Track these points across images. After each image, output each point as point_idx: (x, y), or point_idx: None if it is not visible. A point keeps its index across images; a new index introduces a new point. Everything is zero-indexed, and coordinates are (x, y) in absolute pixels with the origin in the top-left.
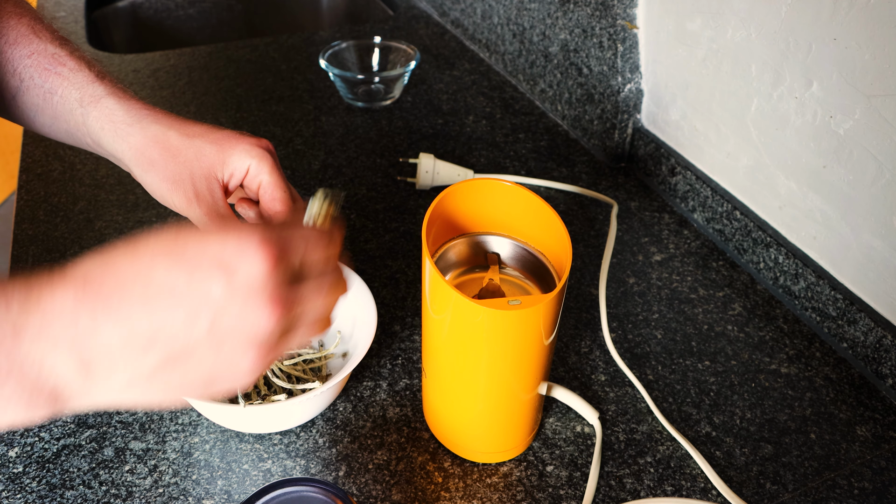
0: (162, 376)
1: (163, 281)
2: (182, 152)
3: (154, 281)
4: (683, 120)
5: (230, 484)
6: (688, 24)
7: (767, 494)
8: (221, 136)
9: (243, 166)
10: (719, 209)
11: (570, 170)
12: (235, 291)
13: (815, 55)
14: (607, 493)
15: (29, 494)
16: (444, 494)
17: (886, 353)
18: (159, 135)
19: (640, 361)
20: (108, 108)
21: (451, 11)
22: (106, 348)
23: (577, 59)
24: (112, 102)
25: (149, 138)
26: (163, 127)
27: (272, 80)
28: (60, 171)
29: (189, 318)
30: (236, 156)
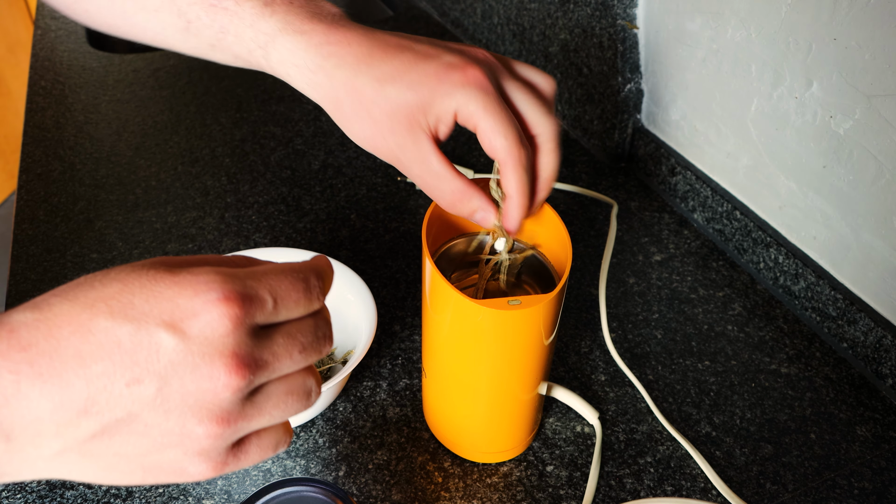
0: (99, 447)
1: (104, 336)
2: (376, 105)
3: (93, 335)
4: (683, 120)
5: (230, 484)
6: (688, 24)
7: (767, 494)
8: (418, 78)
9: (448, 111)
10: (719, 209)
11: (570, 170)
12: (189, 351)
13: (815, 55)
14: (607, 493)
15: (29, 494)
16: (444, 494)
17: (886, 353)
18: (348, 82)
19: (640, 361)
20: (286, 49)
21: (451, 11)
22: (32, 414)
23: (577, 59)
24: (288, 42)
25: (337, 87)
26: (351, 71)
27: (272, 80)
28: (60, 171)
29: (132, 381)
30: (437, 101)
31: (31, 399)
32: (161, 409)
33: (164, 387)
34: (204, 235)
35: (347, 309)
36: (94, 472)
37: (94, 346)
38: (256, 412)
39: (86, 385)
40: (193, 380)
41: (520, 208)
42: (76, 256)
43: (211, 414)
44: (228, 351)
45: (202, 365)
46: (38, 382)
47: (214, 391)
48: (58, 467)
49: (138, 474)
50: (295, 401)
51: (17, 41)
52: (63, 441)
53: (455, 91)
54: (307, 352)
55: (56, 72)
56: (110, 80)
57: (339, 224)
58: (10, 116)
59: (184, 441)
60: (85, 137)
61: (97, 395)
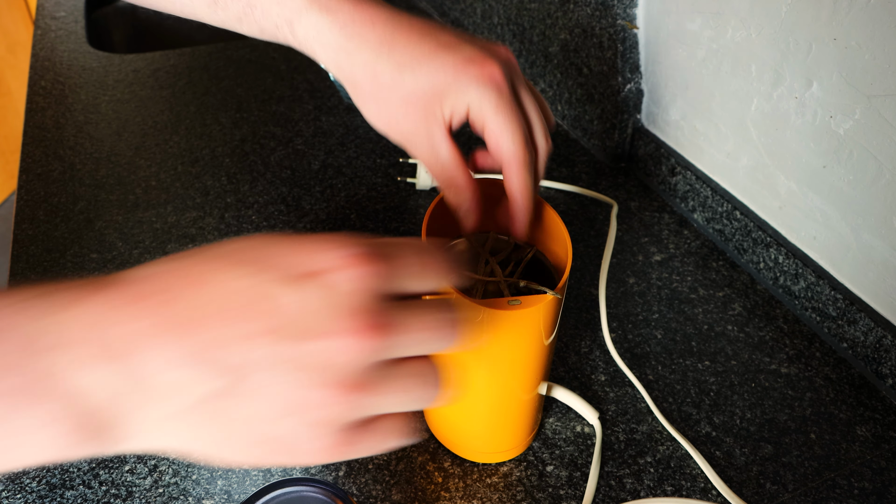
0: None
1: (223, 287)
2: (394, 90)
3: (212, 286)
4: (683, 120)
5: (230, 484)
6: (688, 24)
7: (767, 494)
8: (435, 68)
9: (462, 105)
10: (719, 209)
11: (570, 170)
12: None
13: (815, 55)
14: (607, 493)
15: (29, 494)
16: (444, 494)
17: (886, 353)
18: (368, 64)
19: (640, 361)
20: (312, 27)
21: (451, 11)
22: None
23: (577, 59)
24: (314, 19)
25: (358, 67)
26: (373, 54)
27: (272, 80)
28: (60, 171)
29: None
30: (452, 94)
31: (151, 349)
32: (280, 366)
33: (284, 341)
34: (204, 235)
35: None
36: (204, 443)
37: (209, 298)
38: (379, 388)
39: (202, 338)
40: (319, 334)
41: (524, 210)
42: (76, 256)
43: (333, 377)
44: (360, 308)
45: (331, 319)
46: (156, 333)
47: (340, 350)
48: (170, 432)
49: (250, 449)
50: (419, 385)
51: (17, 41)
52: (179, 399)
53: (471, 86)
54: (436, 330)
55: (56, 72)
56: (110, 80)
57: (339, 224)
58: (10, 116)
59: (301, 408)
60: (85, 137)
61: (215, 349)
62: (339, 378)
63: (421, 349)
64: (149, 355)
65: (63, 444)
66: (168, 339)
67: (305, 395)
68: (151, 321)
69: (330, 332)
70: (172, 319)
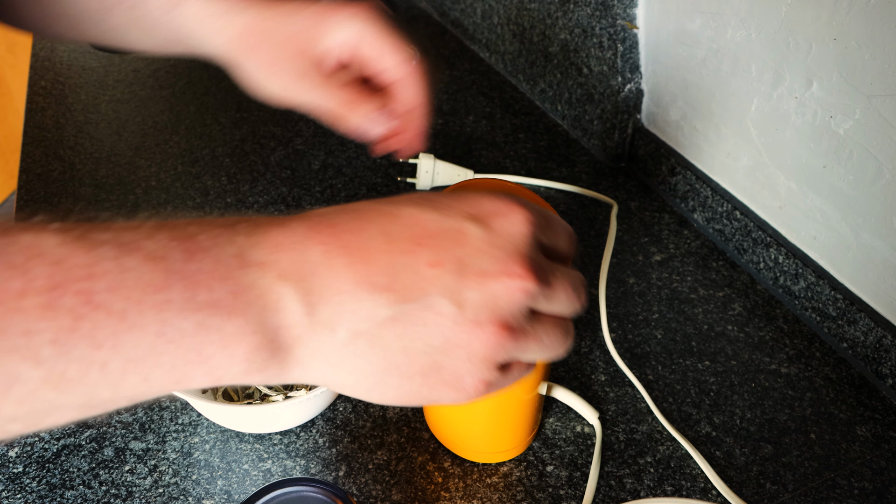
0: (390, 336)
1: (411, 219)
2: (276, 32)
3: (400, 218)
4: (683, 120)
5: (230, 484)
6: (688, 24)
7: (767, 494)
8: (317, 10)
9: (350, 35)
10: (719, 209)
11: (570, 170)
12: (492, 242)
13: (815, 55)
14: (607, 493)
15: (29, 494)
16: (444, 494)
17: (886, 353)
18: (251, 21)
19: (640, 361)
20: (192, 7)
21: (450, 11)
22: (336, 285)
23: (577, 59)
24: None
25: (240, 27)
26: (254, 11)
27: None
28: (60, 171)
29: (435, 262)
30: (335, 28)
31: (337, 269)
32: (457, 297)
33: (464, 272)
34: None
35: None
36: (374, 374)
37: (400, 227)
38: (532, 331)
39: (389, 261)
40: (493, 271)
41: (423, 118)
42: None
43: (502, 316)
44: (526, 252)
45: (503, 258)
46: (345, 254)
47: (510, 289)
48: (344, 360)
49: (416, 381)
50: (560, 334)
51: (17, 41)
52: (359, 321)
53: (352, 18)
54: (576, 290)
55: (56, 72)
56: (110, 80)
57: None
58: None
59: (471, 341)
60: (85, 137)
61: (399, 273)
62: (506, 318)
63: (563, 306)
64: (333, 279)
65: (241, 362)
66: (355, 265)
67: (477, 330)
68: (344, 247)
69: (503, 271)
70: (362, 247)
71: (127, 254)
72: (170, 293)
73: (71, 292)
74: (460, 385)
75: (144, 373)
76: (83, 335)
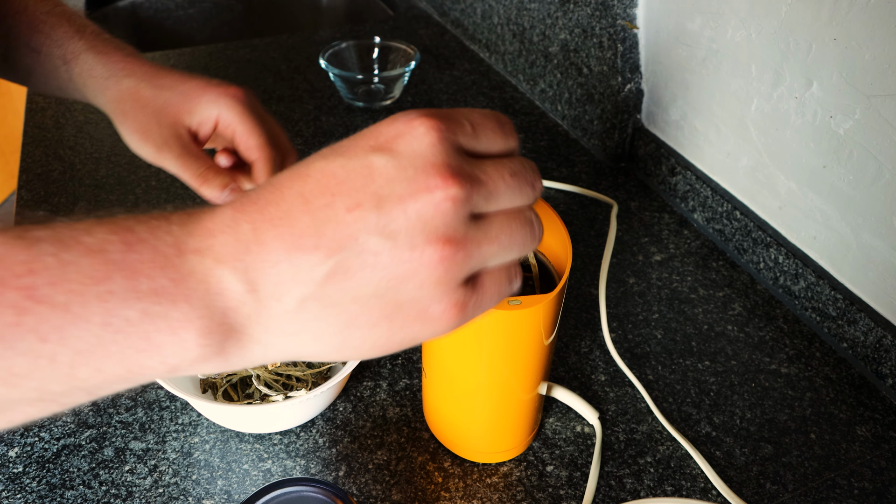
0: (337, 292)
1: (319, 173)
2: (150, 104)
3: (311, 176)
4: (683, 120)
5: (230, 484)
6: (688, 24)
7: (767, 494)
8: (189, 87)
9: (211, 116)
10: (719, 209)
11: (570, 170)
12: (400, 165)
13: (815, 55)
14: (607, 493)
15: (29, 494)
16: (444, 494)
17: (886, 353)
18: (131, 88)
19: (640, 361)
20: (87, 63)
21: (451, 11)
22: (271, 258)
23: (577, 59)
24: (90, 57)
25: (122, 92)
26: (136, 80)
27: (272, 80)
28: (60, 171)
29: (353, 206)
30: (202, 105)
31: (268, 243)
32: (385, 231)
33: (383, 205)
34: None
35: None
36: (337, 332)
37: (312, 184)
38: (483, 235)
39: (312, 219)
40: (411, 192)
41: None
42: None
43: (437, 232)
44: (440, 161)
45: (417, 176)
46: (271, 227)
47: (434, 203)
48: (302, 327)
49: (383, 327)
50: (519, 227)
51: None
52: (301, 286)
53: (219, 100)
54: (518, 177)
55: None
56: None
57: None
58: (10, 116)
59: (417, 269)
60: (85, 137)
61: (323, 228)
62: (443, 232)
63: (510, 198)
64: (266, 252)
65: (194, 348)
66: (282, 234)
67: (418, 256)
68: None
69: (422, 188)
70: (284, 215)
71: (66, 249)
72: (111, 284)
73: (12, 288)
74: (429, 315)
75: (95, 364)
76: (28, 329)
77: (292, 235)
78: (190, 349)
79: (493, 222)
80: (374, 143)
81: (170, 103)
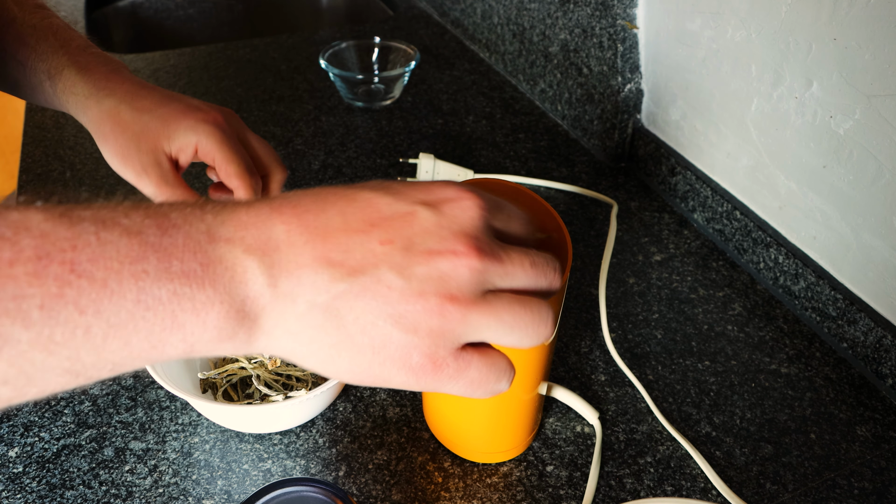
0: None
1: (366, 202)
2: (130, 127)
3: (357, 201)
4: (683, 120)
5: (230, 484)
6: (688, 24)
7: (767, 494)
8: (169, 112)
9: (189, 143)
10: (719, 209)
11: (570, 170)
12: (440, 224)
13: (815, 55)
14: (607, 493)
15: (29, 494)
16: (444, 494)
17: (886, 353)
18: (112, 109)
19: (640, 361)
20: (69, 80)
21: (451, 11)
22: (297, 260)
23: (577, 59)
24: (72, 74)
25: (103, 112)
26: (116, 101)
27: (272, 80)
28: (60, 171)
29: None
30: (181, 132)
31: (298, 246)
32: (405, 272)
33: (412, 249)
34: None
35: None
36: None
37: (356, 209)
38: (486, 305)
39: (346, 239)
40: (439, 250)
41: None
42: None
43: (447, 289)
44: (472, 234)
45: (449, 238)
46: (305, 233)
47: (454, 265)
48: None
49: (367, 356)
50: (525, 312)
51: None
52: (316, 294)
53: (198, 127)
54: (538, 268)
55: None
56: None
57: None
58: (10, 116)
59: (418, 313)
60: (85, 137)
61: (354, 249)
62: (452, 292)
63: (524, 282)
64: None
65: (212, 329)
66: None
67: (423, 302)
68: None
69: (449, 250)
70: (321, 226)
71: (106, 229)
72: (146, 264)
73: (57, 262)
74: (409, 361)
75: (125, 338)
76: (68, 301)
77: (324, 247)
78: (208, 330)
79: (502, 298)
80: (425, 197)
81: (149, 128)
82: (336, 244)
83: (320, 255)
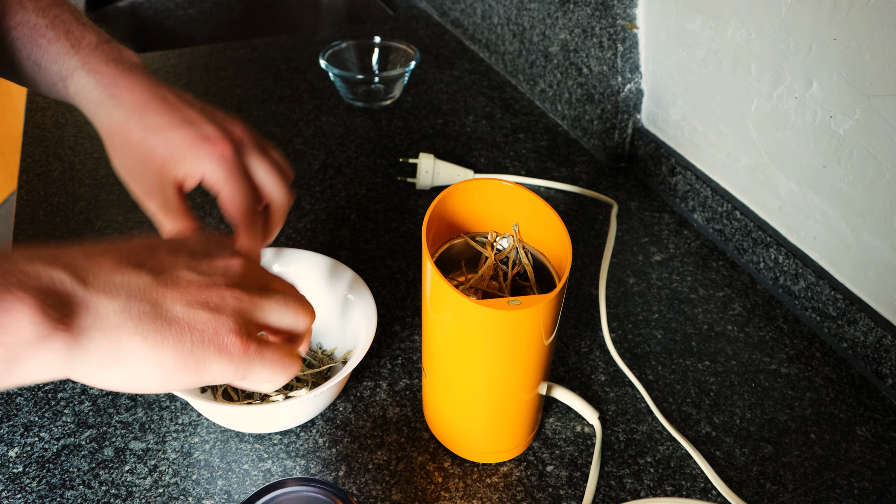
0: (159, 298)
1: (149, 241)
2: (138, 147)
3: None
4: (683, 120)
5: (230, 484)
6: (688, 24)
7: (767, 494)
8: (178, 138)
9: (196, 172)
10: (719, 209)
11: (570, 170)
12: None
13: (815, 55)
14: (607, 493)
15: (29, 494)
16: (444, 494)
17: (886, 353)
18: (121, 123)
19: (640, 361)
20: (81, 84)
21: (451, 11)
22: (101, 263)
23: (577, 59)
24: (83, 77)
25: (112, 124)
26: (125, 114)
27: (272, 80)
28: (60, 171)
29: (174, 250)
30: (189, 161)
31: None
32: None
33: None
34: None
35: (347, 309)
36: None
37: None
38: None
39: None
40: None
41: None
42: None
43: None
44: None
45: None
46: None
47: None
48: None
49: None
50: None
51: None
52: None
53: (205, 159)
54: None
55: None
56: None
57: (339, 224)
58: (10, 116)
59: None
60: (85, 137)
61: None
62: (235, 281)
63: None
64: (96, 265)
65: (28, 325)
66: (107, 253)
67: (213, 290)
68: (95, 248)
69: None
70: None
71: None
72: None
73: None
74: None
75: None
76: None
77: (120, 256)
78: (25, 326)
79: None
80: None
81: (156, 152)
82: (132, 255)
83: (119, 260)
